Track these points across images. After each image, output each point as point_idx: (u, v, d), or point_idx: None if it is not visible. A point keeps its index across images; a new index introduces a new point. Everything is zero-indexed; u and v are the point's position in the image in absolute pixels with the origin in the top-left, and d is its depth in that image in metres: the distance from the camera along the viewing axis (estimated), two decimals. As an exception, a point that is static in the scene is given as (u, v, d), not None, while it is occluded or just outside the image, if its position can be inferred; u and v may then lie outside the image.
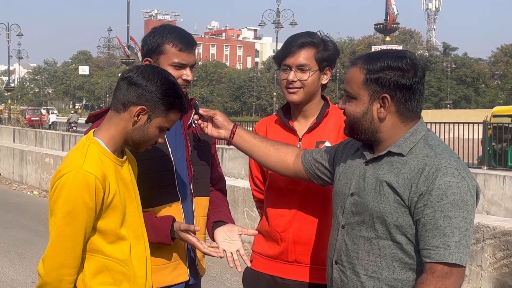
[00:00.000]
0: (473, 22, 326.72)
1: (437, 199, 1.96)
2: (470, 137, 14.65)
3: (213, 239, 2.59)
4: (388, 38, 21.20)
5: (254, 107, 75.14)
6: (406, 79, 2.06)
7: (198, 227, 2.46)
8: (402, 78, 2.05)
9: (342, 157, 2.33)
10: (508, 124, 15.36)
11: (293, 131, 2.71)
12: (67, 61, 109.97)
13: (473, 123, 15.06)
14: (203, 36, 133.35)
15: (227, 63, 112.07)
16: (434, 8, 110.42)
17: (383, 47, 17.35)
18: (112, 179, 2.13)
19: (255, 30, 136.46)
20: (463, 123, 15.30)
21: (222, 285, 6.63)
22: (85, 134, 2.37)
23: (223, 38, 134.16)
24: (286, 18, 39.57)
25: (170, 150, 2.54)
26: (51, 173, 13.50)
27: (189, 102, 2.64)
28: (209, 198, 2.70)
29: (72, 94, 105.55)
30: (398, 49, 3.12)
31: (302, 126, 2.72)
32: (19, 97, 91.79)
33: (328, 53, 2.65)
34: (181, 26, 2.73)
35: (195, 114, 2.57)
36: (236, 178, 12.21)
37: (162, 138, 2.23)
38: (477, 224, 5.16)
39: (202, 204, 2.65)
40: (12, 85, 60.26)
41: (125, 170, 2.22)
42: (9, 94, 50.78)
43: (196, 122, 2.61)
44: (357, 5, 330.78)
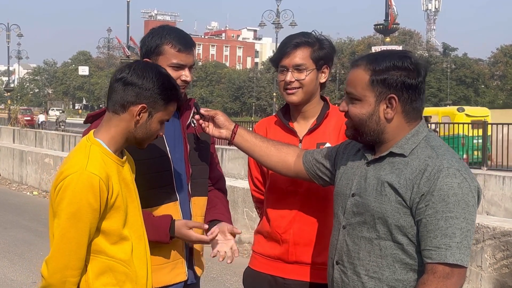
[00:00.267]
0: (473, 22, 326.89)
1: (438, 200, 1.96)
2: (470, 137, 14.69)
3: None
4: (388, 39, 21.17)
5: (254, 108, 75.10)
6: (412, 79, 2.06)
7: (206, 225, 2.53)
8: (408, 78, 2.06)
9: (343, 157, 2.33)
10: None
11: (293, 133, 2.72)
12: (67, 61, 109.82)
13: (472, 124, 15.10)
14: (203, 36, 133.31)
15: (227, 64, 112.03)
16: (433, 8, 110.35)
17: (383, 48, 17.34)
18: (115, 180, 2.13)
19: (255, 31, 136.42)
20: (463, 124, 15.36)
21: (222, 285, 6.62)
22: (83, 135, 2.37)
23: (223, 38, 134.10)
24: (286, 18, 39.61)
25: (168, 149, 2.55)
26: (51, 173, 13.49)
27: (188, 101, 2.65)
28: (207, 198, 2.71)
29: (72, 95, 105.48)
30: (399, 49, 3.12)
31: (302, 127, 2.72)
32: (19, 97, 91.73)
33: (324, 51, 2.65)
34: (181, 27, 2.73)
35: (197, 114, 2.58)
36: (236, 178, 12.18)
37: (163, 131, 2.25)
38: (477, 224, 5.16)
39: (200, 204, 2.66)
40: (12, 85, 60.13)
41: (126, 170, 2.23)
42: (9, 94, 50.72)
43: (195, 121, 2.62)
44: (356, 5, 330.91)
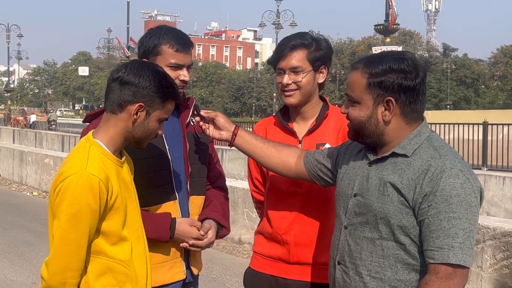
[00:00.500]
0: (473, 23, 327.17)
1: (441, 200, 1.96)
2: (470, 138, 14.67)
3: None
4: (388, 39, 21.15)
5: (254, 108, 75.11)
6: (409, 81, 2.05)
7: (203, 232, 2.55)
8: (405, 80, 2.05)
9: (345, 158, 2.33)
10: None
11: (293, 133, 2.71)
12: (67, 62, 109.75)
13: (473, 124, 15.09)
14: (203, 37, 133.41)
15: (227, 64, 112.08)
16: (434, 9, 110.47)
17: (383, 48, 17.34)
18: (114, 181, 2.12)
19: (255, 31, 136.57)
20: (463, 124, 15.35)
21: (222, 286, 6.62)
22: (82, 134, 2.37)
23: (223, 39, 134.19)
24: (286, 19, 39.60)
25: (167, 148, 2.56)
26: (51, 174, 13.48)
27: (186, 100, 2.65)
28: (204, 197, 2.71)
29: (72, 95, 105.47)
30: (398, 50, 3.12)
31: (302, 128, 2.72)
32: (19, 98, 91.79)
33: (321, 52, 2.65)
34: (181, 27, 2.75)
35: (197, 116, 2.58)
36: (236, 179, 12.18)
37: (162, 130, 2.25)
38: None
39: (198, 203, 2.67)
40: (12, 86, 60.19)
41: (125, 171, 2.22)
42: (9, 95, 50.77)
43: (194, 120, 2.63)
44: (356, 6, 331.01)
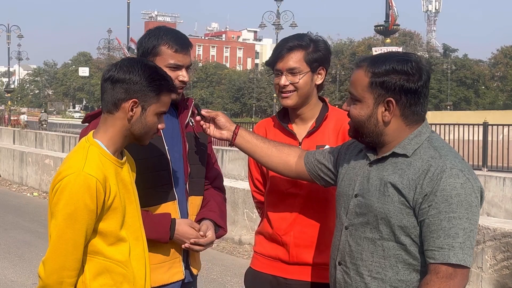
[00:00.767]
0: (473, 23, 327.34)
1: (441, 200, 1.95)
2: (470, 138, 14.67)
3: None
4: (388, 40, 21.13)
5: (254, 109, 75.11)
6: (411, 83, 2.04)
7: (202, 232, 2.55)
8: (408, 82, 2.04)
9: (345, 158, 2.33)
10: None
11: (292, 135, 2.71)
12: (67, 62, 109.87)
13: (473, 125, 15.09)
14: (203, 37, 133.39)
15: (227, 65, 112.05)
16: (434, 9, 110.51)
17: (384, 49, 17.32)
18: (112, 181, 2.12)
19: (255, 32, 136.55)
20: (463, 125, 15.34)
21: (222, 286, 6.61)
22: (81, 135, 2.37)
23: (223, 39, 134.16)
24: (286, 19, 39.58)
25: (167, 149, 2.56)
26: (51, 174, 13.49)
27: (185, 101, 2.65)
28: (202, 197, 2.72)
29: (72, 96, 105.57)
30: (403, 51, 3.10)
31: (301, 129, 2.72)
32: (19, 98, 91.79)
33: (319, 53, 2.64)
34: (181, 28, 2.77)
35: (198, 115, 2.58)
36: (236, 179, 12.18)
37: (162, 124, 2.23)
38: (477, 225, 5.15)
39: (196, 203, 2.67)
40: (12, 86, 60.19)
41: (125, 172, 2.22)
42: (9, 95, 50.78)
43: (193, 121, 2.63)
44: (357, 7, 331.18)
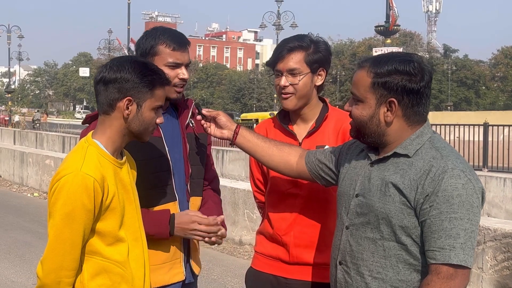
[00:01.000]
0: (473, 24, 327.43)
1: (443, 201, 1.95)
2: (471, 139, 14.66)
3: None
4: (388, 40, 21.17)
5: (254, 109, 75.13)
6: (413, 84, 2.04)
7: (222, 216, 2.60)
8: (410, 83, 2.04)
9: (347, 158, 2.32)
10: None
11: (293, 135, 2.71)
12: (68, 63, 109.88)
13: (473, 125, 15.09)
14: (204, 38, 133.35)
15: (228, 65, 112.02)
16: (434, 10, 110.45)
17: (384, 49, 17.33)
18: (111, 181, 2.12)
19: (256, 32, 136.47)
20: (464, 125, 15.34)
21: (223, 287, 6.61)
22: (81, 136, 2.38)
23: (224, 40, 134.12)
24: (287, 20, 39.57)
25: (167, 149, 2.56)
26: (52, 175, 13.46)
27: (185, 101, 2.66)
28: (201, 198, 2.73)
29: (72, 96, 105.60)
30: (406, 52, 3.09)
31: (302, 130, 2.72)
32: (20, 99, 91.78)
33: (319, 54, 2.64)
34: (181, 28, 2.79)
35: (199, 114, 2.58)
36: (236, 180, 12.18)
37: (160, 118, 2.22)
38: (478, 226, 5.14)
39: (196, 204, 2.68)
40: (12, 87, 60.20)
41: (124, 172, 2.22)
42: (9, 96, 50.79)
43: (193, 122, 2.63)
44: (357, 7, 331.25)
